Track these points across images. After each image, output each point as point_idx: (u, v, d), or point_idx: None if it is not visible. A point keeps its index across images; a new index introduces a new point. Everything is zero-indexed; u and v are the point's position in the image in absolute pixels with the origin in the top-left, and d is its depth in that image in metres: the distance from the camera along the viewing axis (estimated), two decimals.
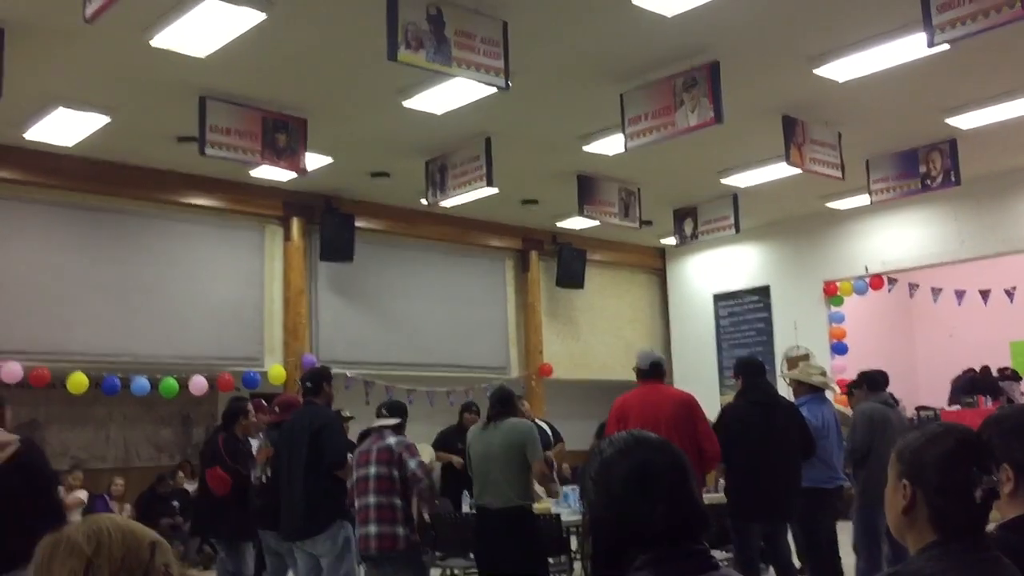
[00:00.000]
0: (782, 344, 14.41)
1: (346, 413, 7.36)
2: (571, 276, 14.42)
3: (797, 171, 9.95)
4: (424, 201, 11.05)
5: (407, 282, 13.13)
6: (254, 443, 6.94)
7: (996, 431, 2.11)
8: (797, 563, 6.56)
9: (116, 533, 1.43)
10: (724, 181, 11.89)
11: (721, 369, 15.15)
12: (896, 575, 1.77)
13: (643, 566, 1.54)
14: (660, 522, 1.57)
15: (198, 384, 10.86)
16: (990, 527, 1.90)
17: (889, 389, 7.11)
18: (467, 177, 10.29)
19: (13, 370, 9.69)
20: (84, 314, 10.35)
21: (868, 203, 11.61)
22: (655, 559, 1.54)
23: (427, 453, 6.53)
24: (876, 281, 13.74)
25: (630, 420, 5.54)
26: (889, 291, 14.27)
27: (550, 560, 6.27)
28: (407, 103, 8.89)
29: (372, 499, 5.33)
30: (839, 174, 10.01)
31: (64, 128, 9.25)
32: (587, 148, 10.46)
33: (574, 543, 7.64)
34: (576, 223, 13.32)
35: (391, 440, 5.46)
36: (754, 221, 13.59)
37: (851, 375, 8.24)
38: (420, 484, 5.38)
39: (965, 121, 9.97)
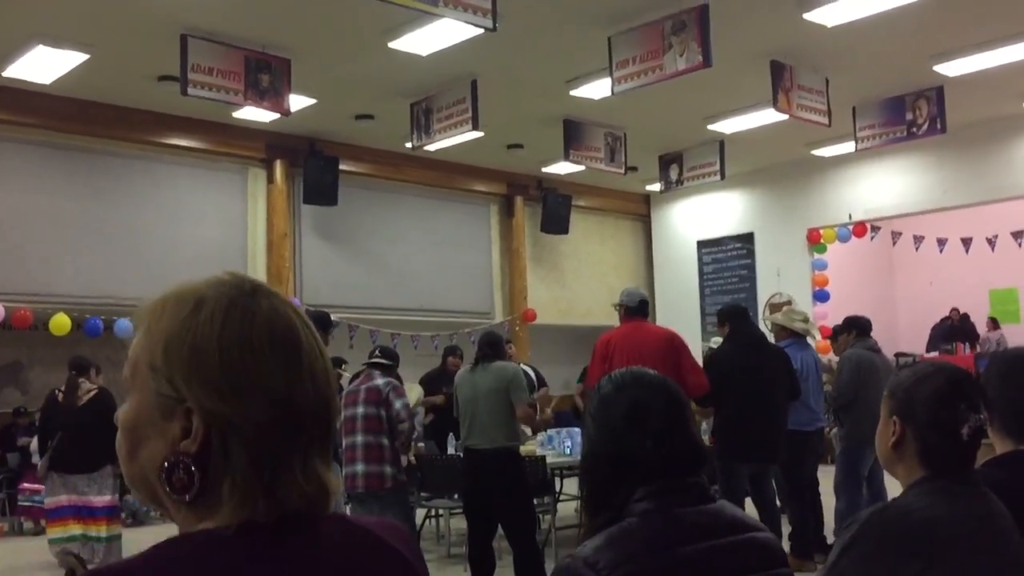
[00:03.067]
0: (765, 291, 14.50)
1: (346, 370, 7.39)
2: (556, 222, 14.41)
3: (784, 117, 9.92)
4: (409, 144, 10.96)
5: (391, 226, 13.08)
6: None
7: (994, 371, 2.18)
8: (780, 504, 6.68)
9: (311, 343, 1.02)
10: (710, 127, 11.85)
11: (704, 315, 15.25)
12: (886, 509, 1.81)
13: (643, 498, 1.57)
14: (654, 456, 1.60)
15: None
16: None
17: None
18: (452, 120, 10.21)
19: None
20: (67, 256, 10.28)
21: (853, 150, 11.62)
22: (654, 492, 1.57)
23: (415, 392, 6.57)
24: (859, 229, 13.81)
25: (615, 357, 5.59)
26: (872, 239, 14.36)
27: (535, 500, 6.35)
28: (392, 44, 8.77)
29: (360, 438, 5.37)
30: (826, 120, 9.99)
31: (42, 65, 9.08)
32: (574, 92, 10.38)
33: (558, 484, 7.75)
34: (561, 168, 13.26)
35: (379, 381, 5.49)
36: (739, 168, 13.57)
37: (833, 322, 8.32)
38: (402, 425, 5.43)
39: (952, 68, 9.94)
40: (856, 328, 6.98)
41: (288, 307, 0.99)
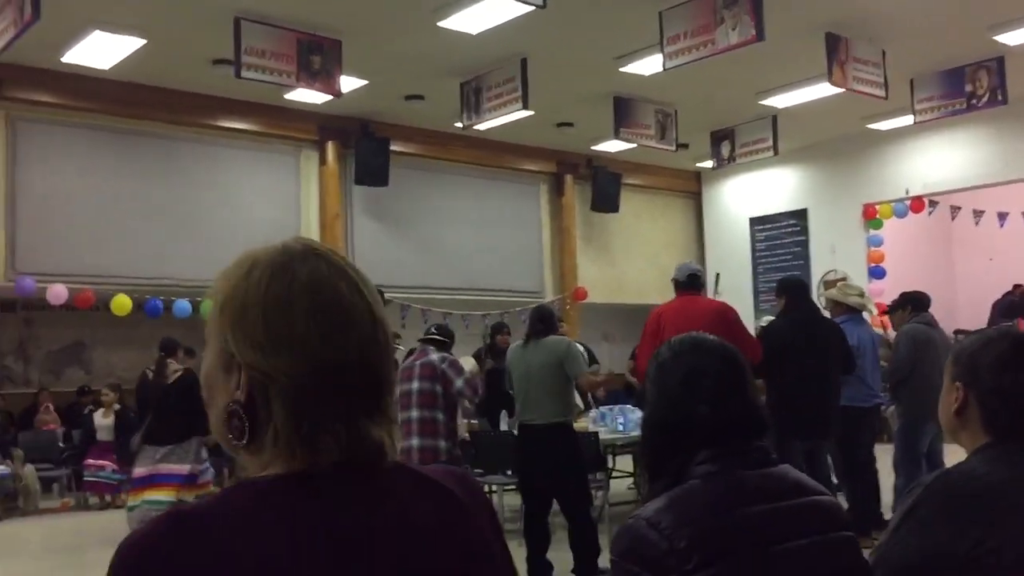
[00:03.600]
0: (819, 268, 14.32)
1: (400, 344, 7.50)
2: (606, 200, 14.35)
3: (839, 91, 9.76)
4: (459, 124, 10.99)
5: (442, 206, 13.15)
6: None
7: None
8: (835, 481, 6.63)
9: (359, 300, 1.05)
10: (763, 102, 11.70)
11: (756, 293, 15.11)
12: (949, 475, 1.80)
13: (704, 461, 1.58)
14: (711, 420, 1.61)
15: None
16: None
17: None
18: (502, 99, 10.22)
19: (59, 292, 9.90)
20: (127, 237, 10.51)
21: (911, 123, 11.40)
22: (716, 455, 1.58)
23: (469, 364, 6.60)
24: (917, 204, 13.54)
25: (666, 331, 5.54)
26: (930, 214, 14.07)
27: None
28: (442, 23, 8.79)
29: (415, 413, 5.43)
30: (882, 93, 9.81)
31: (100, 51, 9.27)
32: (624, 69, 10.32)
33: (611, 461, 7.77)
34: (611, 146, 13.21)
35: (434, 356, 5.53)
36: (793, 143, 13.38)
37: (889, 299, 8.19)
38: (473, 400, 5.51)
39: (1013, 38, 9.69)
40: (912, 303, 6.87)
41: (336, 270, 1.03)
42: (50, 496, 10.16)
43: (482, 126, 10.91)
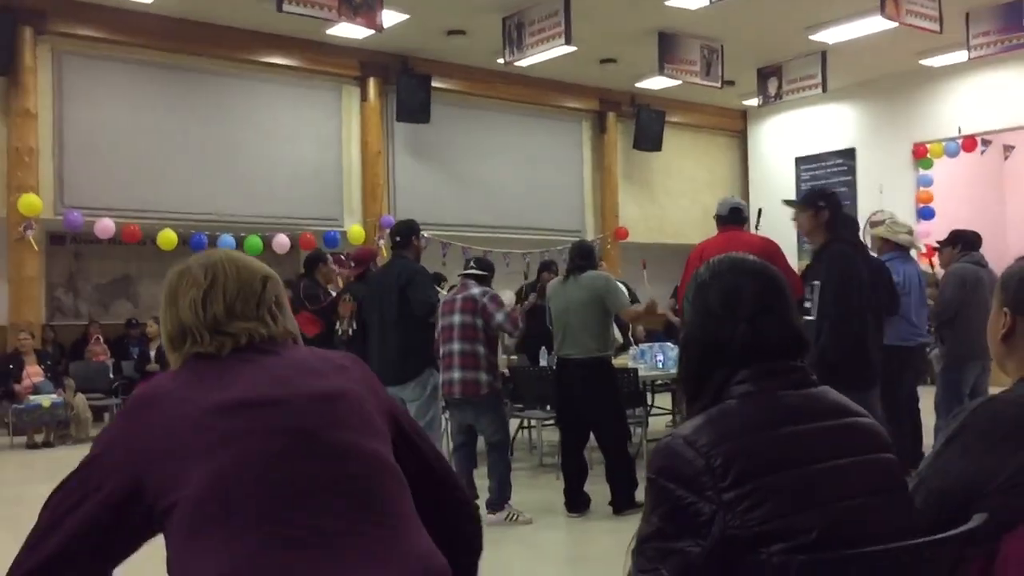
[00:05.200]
0: (866, 209, 14.04)
1: (444, 290, 7.54)
2: (649, 138, 14.19)
3: (891, 25, 9.51)
4: (500, 60, 10.87)
5: (483, 143, 13.09)
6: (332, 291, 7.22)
7: None
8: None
9: (231, 268, 1.57)
10: (812, 37, 11.42)
11: (799, 236, 14.89)
12: (994, 401, 1.78)
13: (742, 381, 1.57)
14: (750, 339, 1.59)
15: (281, 243, 11.13)
16: None
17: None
18: (545, 35, 10.08)
19: (106, 226, 10.05)
20: (173, 173, 10.62)
21: (965, 60, 11.07)
22: (754, 375, 1.57)
23: (507, 296, 6.60)
24: (969, 143, 13.21)
25: None
26: (982, 153, 13.73)
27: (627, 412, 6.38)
28: None
29: (456, 346, 5.46)
30: (937, 27, 9.54)
31: None
32: (669, 3, 10.12)
33: (650, 398, 7.79)
34: (656, 83, 13.01)
35: (475, 291, 5.54)
36: (842, 80, 13.08)
37: (937, 240, 8.02)
38: (513, 334, 5.52)
39: None
40: (962, 242, 6.71)
41: (207, 262, 1.59)
42: (101, 424, 10.44)
43: (524, 62, 10.78)
